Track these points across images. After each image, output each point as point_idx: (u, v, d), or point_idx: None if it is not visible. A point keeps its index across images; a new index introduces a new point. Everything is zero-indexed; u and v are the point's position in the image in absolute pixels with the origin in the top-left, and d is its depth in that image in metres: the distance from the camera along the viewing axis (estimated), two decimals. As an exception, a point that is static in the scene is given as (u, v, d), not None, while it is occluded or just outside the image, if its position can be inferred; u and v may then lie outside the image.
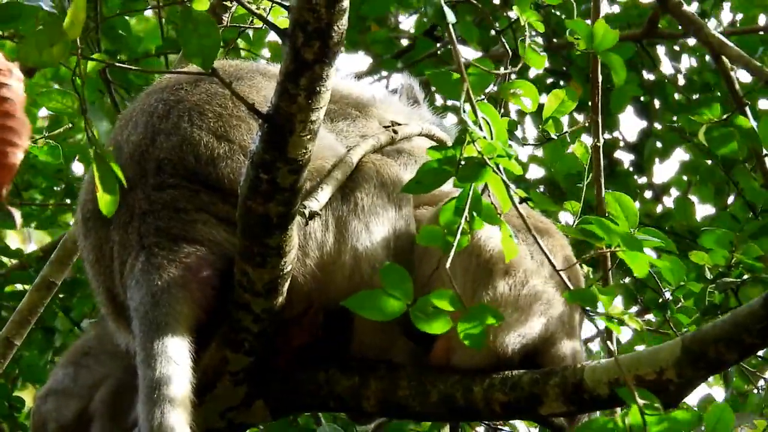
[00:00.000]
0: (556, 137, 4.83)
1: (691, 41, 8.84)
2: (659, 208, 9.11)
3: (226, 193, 4.19)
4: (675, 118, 8.58)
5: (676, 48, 8.91)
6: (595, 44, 4.60)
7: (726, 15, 8.96)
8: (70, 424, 4.69)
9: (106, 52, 6.74)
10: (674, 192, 9.05)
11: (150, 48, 7.52)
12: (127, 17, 7.15)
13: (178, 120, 4.27)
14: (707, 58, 8.53)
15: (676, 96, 8.82)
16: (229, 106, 4.31)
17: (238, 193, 4.04)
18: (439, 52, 8.95)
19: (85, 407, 4.71)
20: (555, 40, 8.31)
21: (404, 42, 9.44)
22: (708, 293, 5.12)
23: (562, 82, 8.73)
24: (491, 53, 8.48)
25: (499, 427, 6.31)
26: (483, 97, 3.85)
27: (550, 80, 8.84)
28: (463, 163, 3.57)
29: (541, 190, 8.11)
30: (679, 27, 7.61)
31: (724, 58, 5.52)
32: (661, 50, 9.02)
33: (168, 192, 4.20)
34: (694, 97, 8.73)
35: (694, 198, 8.79)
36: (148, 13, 8.17)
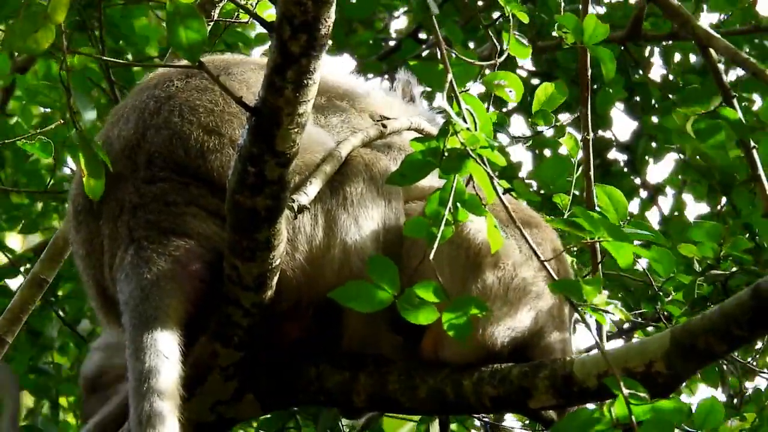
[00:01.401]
0: (545, 130, 4.83)
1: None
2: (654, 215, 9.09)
3: (215, 187, 4.19)
4: (655, 119, 8.57)
5: (657, 49, 8.89)
6: (585, 38, 4.60)
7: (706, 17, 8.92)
8: (89, 376, 4.76)
9: (111, 51, 6.75)
10: (669, 191, 9.04)
11: (152, 49, 7.53)
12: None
13: (169, 115, 4.28)
14: (692, 58, 8.52)
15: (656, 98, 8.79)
16: (220, 102, 4.32)
17: (227, 187, 4.05)
18: (423, 54, 8.93)
19: (104, 366, 4.74)
20: (540, 42, 8.27)
21: (390, 44, 9.41)
22: (697, 285, 5.13)
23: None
24: (476, 53, 8.45)
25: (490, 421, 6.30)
26: (467, 88, 3.86)
27: (535, 81, 8.81)
28: (446, 154, 3.58)
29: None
30: (665, 21, 7.56)
31: (711, 50, 5.54)
32: (654, 57, 9.00)
33: (158, 185, 4.21)
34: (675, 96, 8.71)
35: (689, 197, 8.80)
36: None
